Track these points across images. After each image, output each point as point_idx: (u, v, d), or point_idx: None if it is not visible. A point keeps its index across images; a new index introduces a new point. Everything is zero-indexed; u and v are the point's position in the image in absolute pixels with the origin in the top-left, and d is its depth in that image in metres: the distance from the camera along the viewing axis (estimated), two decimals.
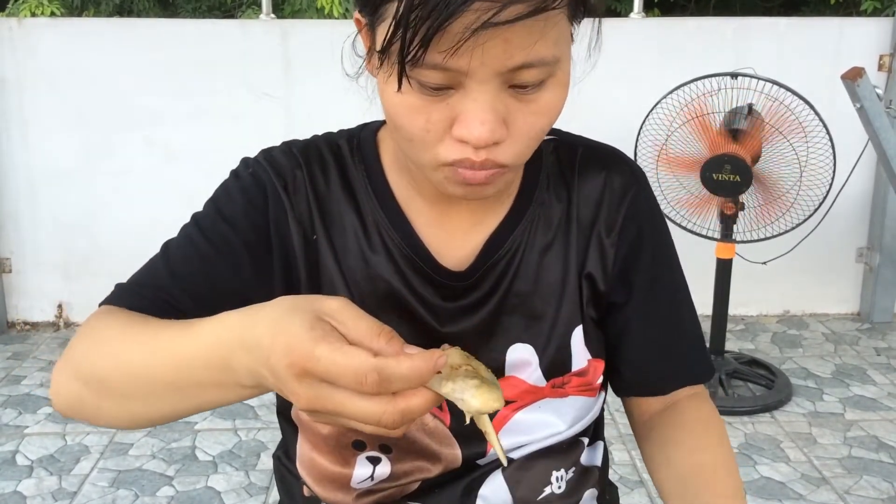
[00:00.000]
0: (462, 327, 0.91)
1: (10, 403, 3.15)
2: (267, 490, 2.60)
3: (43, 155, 3.71)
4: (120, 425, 0.78)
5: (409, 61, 0.68)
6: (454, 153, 0.74)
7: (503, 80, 0.71)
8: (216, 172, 0.92)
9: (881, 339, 3.76)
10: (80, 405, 0.78)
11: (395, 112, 0.75)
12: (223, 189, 0.90)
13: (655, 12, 4.71)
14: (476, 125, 0.71)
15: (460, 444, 0.93)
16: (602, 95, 3.43)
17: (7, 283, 3.86)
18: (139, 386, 0.73)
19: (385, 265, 0.89)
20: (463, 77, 0.70)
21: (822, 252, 3.79)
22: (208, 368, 0.67)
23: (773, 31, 3.74)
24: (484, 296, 0.91)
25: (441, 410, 0.92)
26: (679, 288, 0.98)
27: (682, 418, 0.96)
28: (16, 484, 2.62)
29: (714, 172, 2.91)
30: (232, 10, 4.99)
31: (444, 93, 0.72)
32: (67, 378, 0.78)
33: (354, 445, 0.92)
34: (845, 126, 3.17)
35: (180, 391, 0.71)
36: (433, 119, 0.73)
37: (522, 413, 0.93)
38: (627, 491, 2.57)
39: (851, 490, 2.59)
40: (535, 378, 0.93)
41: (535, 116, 0.75)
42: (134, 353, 0.74)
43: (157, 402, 0.73)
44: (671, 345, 0.97)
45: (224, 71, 3.64)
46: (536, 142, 0.78)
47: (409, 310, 0.90)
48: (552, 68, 0.73)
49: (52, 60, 3.62)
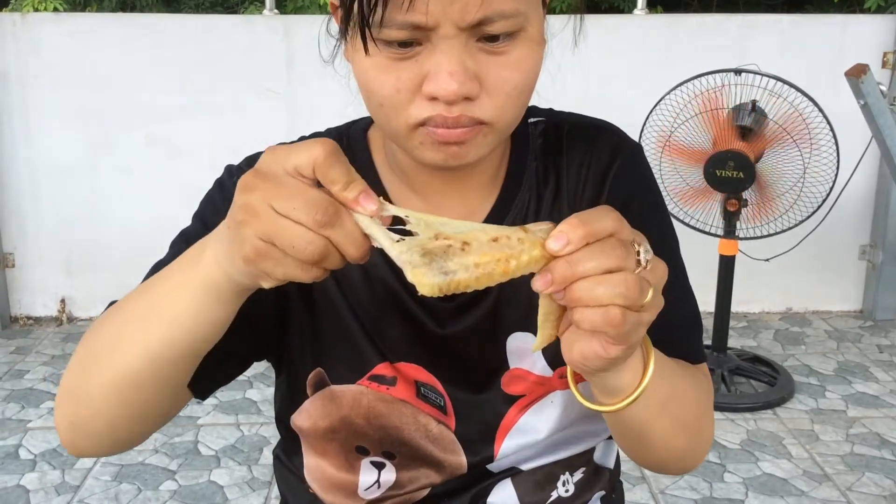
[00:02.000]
0: (465, 325, 0.88)
1: (13, 398, 3.15)
2: (269, 485, 2.60)
3: (45, 150, 3.72)
4: (116, 421, 0.76)
5: (370, 21, 0.68)
6: (426, 111, 0.72)
7: (470, 34, 0.70)
8: (218, 168, 0.91)
9: (884, 337, 3.76)
10: (77, 416, 0.77)
11: (366, 77, 0.73)
12: (208, 201, 0.88)
13: (659, 9, 4.71)
14: (444, 78, 0.70)
15: (466, 451, 0.91)
16: (605, 92, 3.43)
17: (10, 277, 3.87)
18: (116, 330, 0.75)
19: (381, 267, 0.86)
20: (428, 32, 0.69)
21: (825, 249, 3.79)
22: (179, 269, 0.71)
23: (777, 27, 3.73)
24: (482, 290, 0.89)
25: (445, 415, 0.90)
26: (672, 271, 0.92)
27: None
28: (19, 478, 2.63)
29: (717, 169, 2.91)
30: (234, 5, 4.99)
31: (411, 50, 0.71)
32: (62, 400, 0.78)
33: (358, 450, 0.91)
34: (849, 123, 3.16)
35: (151, 310, 0.72)
36: (403, 78, 0.72)
37: (532, 412, 0.90)
38: (630, 487, 2.57)
39: (853, 487, 2.59)
40: (541, 367, 0.90)
41: (509, 71, 0.73)
42: (113, 315, 0.77)
43: (133, 343, 0.73)
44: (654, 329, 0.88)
45: (226, 67, 3.64)
46: (516, 101, 0.75)
47: (409, 312, 0.88)
48: (519, 21, 0.71)
49: (55, 56, 3.63)
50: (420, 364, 0.89)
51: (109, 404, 0.75)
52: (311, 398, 0.91)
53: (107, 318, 0.78)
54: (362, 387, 0.89)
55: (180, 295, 0.70)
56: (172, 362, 0.73)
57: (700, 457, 0.88)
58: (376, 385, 0.88)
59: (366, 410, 0.89)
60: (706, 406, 0.87)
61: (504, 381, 0.90)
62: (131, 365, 0.73)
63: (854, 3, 4.72)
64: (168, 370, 0.74)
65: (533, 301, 0.86)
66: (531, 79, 0.75)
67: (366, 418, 0.89)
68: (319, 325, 0.89)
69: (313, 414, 0.91)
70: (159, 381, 0.74)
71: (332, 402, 0.89)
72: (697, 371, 0.89)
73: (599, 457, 0.98)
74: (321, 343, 0.89)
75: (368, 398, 0.88)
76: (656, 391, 0.74)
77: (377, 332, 0.88)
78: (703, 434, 0.86)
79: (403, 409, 0.89)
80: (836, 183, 2.91)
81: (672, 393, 0.79)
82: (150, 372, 0.73)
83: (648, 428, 0.79)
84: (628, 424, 0.79)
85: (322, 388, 0.90)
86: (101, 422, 0.76)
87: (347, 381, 0.89)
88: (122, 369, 0.73)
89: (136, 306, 0.75)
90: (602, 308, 0.60)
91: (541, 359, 0.90)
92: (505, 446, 0.91)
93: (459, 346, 0.89)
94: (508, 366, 0.90)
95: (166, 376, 0.74)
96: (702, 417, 0.85)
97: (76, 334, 3.74)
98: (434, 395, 0.90)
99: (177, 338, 0.71)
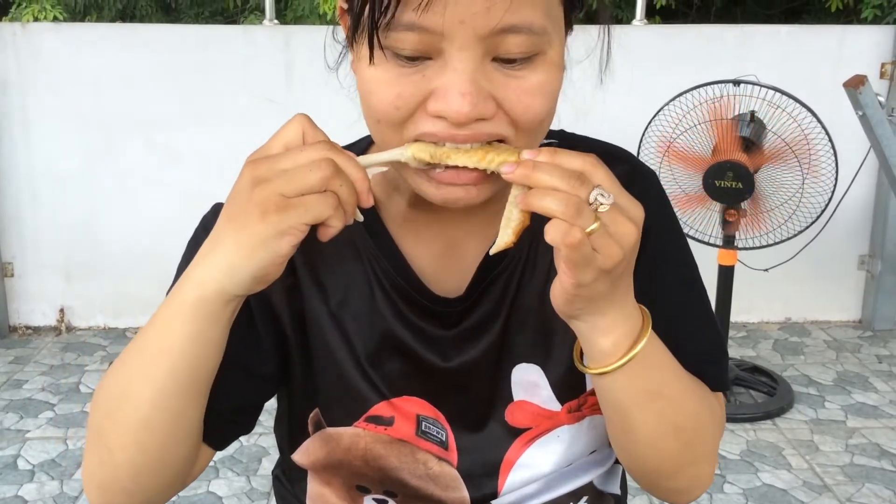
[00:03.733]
0: (470, 355, 0.85)
1: (11, 408, 3.15)
2: (268, 496, 2.59)
3: (45, 159, 3.72)
4: (136, 457, 0.77)
5: (380, 21, 0.63)
6: (422, 127, 0.68)
7: (486, 49, 0.65)
8: (217, 177, 0.91)
9: (883, 347, 3.76)
10: (103, 476, 0.78)
11: (367, 89, 0.69)
12: (194, 247, 0.81)
13: (657, 19, 4.72)
14: (455, 98, 0.65)
15: (469, 486, 0.87)
16: (602, 102, 3.43)
17: (9, 287, 3.86)
18: (134, 369, 0.75)
19: (379, 301, 0.84)
20: (440, 42, 0.64)
21: (824, 259, 3.79)
22: (167, 305, 0.73)
23: (775, 38, 3.74)
24: (487, 316, 0.85)
25: (447, 450, 0.87)
26: (688, 300, 0.89)
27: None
28: (17, 488, 2.62)
29: (716, 179, 2.91)
30: (234, 15, 5.00)
31: (420, 64, 0.66)
32: (88, 463, 0.79)
33: (359, 489, 0.89)
34: (847, 133, 3.17)
35: (162, 351, 0.73)
36: (405, 94, 0.67)
37: (537, 445, 0.87)
38: (630, 498, 2.56)
39: (853, 497, 2.59)
40: (547, 400, 0.86)
41: (530, 97, 0.68)
42: (127, 357, 0.77)
43: (150, 382, 0.74)
44: (673, 353, 0.83)
45: (226, 76, 3.65)
46: (537, 128, 0.71)
47: (407, 347, 0.85)
48: (540, 42, 0.66)
49: (55, 64, 3.64)
50: (422, 397, 0.87)
51: (127, 455, 0.76)
52: (311, 438, 0.89)
53: (110, 376, 0.79)
54: (359, 429, 0.86)
55: (173, 325, 0.72)
56: (179, 395, 0.74)
57: (695, 481, 0.85)
58: (373, 426, 0.86)
59: (363, 452, 0.86)
60: (707, 427, 0.84)
61: (508, 413, 0.87)
62: (141, 409, 0.74)
63: (851, 14, 4.74)
64: (176, 404, 0.74)
65: (545, 328, 0.85)
66: (552, 106, 0.71)
67: (364, 460, 0.87)
68: (315, 368, 0.87)
69: (312, 454, 0.89)
70: (170, 419, 0.75)
71: (329, 444, 0.87)
72: (710, 395, 0.87)
73: (600, 483, 0.96)
74: (317, 386, 0.87)
75: (366, 440, 0.86)
76: (642, 378, 0.75)
77: (376, 367, 0.86)
78: (697, 450, 0.83)
79: (402, 448, 0.86)
80: (835, 193, 2.92)
81: (662, 389, 0.77)
82: (160, 411, 0.74)
83: (631, 415, 0.77)
84: (610, 403, 0.78)
85: (320, 429, 0.88)
86: (124, 475, 0.77)
87: (344, 423, 0.86)
88: (134, 415, 0.74)
89: (134, 355, 0.76)
90: (553, 208, 0.65)
91: (547, 389, 0.87)
92: (510, 481, 0.88)
93: (464, 378, 0.86)
94: (513, 398, 0.87)
95: (176, 412, 0.75)
96: (698, 433, 0.82)
97: (75, 344, 3.73)
98: (436, 429, 0.87)
99: (178, 367, 0.72)
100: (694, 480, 0.85)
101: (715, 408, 0.87)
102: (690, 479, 0.85)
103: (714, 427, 0.86)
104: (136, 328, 3.78)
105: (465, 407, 0.87)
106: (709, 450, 0.85)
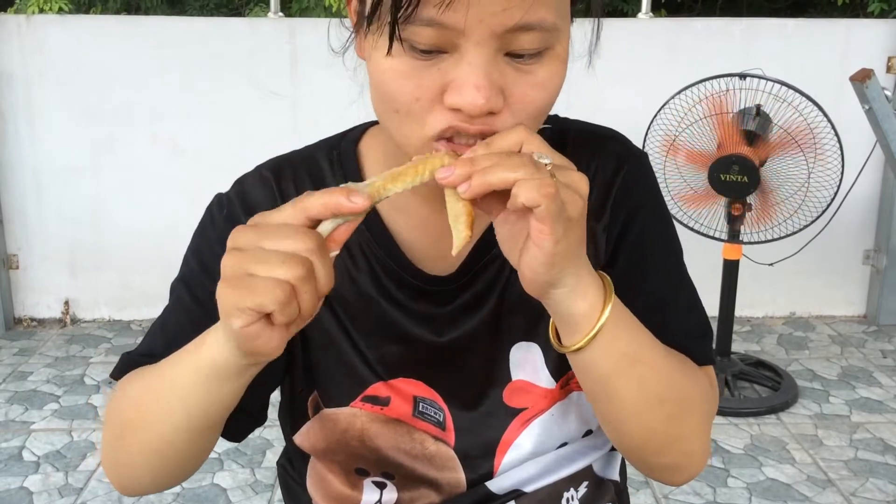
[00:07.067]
0: (464, 331, 0.87)
1: (16, 399, 3.16)
2: (272, 487, 2.60)
3: (50, 151, 3.72)
4: (157, 459, 0.81)
5: (401, 15, 0.64)
6: (444, 121, 0.69)
7: (500, 45, 0.67)
8: (222, 169, 0.91)
9: (888, 342, 3.75)
10: (124, 476, 0.84)
11: (383, 79, 0.70)
12: (202, 236, 0.87)
13: (662, 13, 4.71)
14: (470, 91, 0.66)
15: (465, 467, 0.89)
16: (608, 96, 3.43)
17: (14, 279, 3.87)
18: (153, 399, 0.78)
19: (373, 284, 0.86)
20: (457, 37, 0.66)
21: (829, 254, 3.78)
22: (188, 352, 0.74)
23: (781, 32, 3.73)
24: (481, 295, 0.87)
25: (444, 430, 0.88)
26: (674, 279, 0.90)
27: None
28: (22, 480, 2.63)
29: (722, 173, 2.90)
30: (239, 7, 4.99)
31: (436, 57, 0.67)
32: (107, 460, 0.85)
33: (358, 472, 0.90)
34: (853, 127, 3.16)
35: (178, 391, 0.75)
36: (424, 85, 0.68)
37: (536, 424, 0.89)
38: (633, 491, 2.57)
39: (857, 492, 2.59)
40: (544, 379, 0.88)
41: (535, 90, 0.70)
42: (146, 381, 0.81)
43: (168, 411, 0.77)
44: (657, 335, 0.82)
45: (231, 68, 3.64)
46: (536, 120, 0.73)
47: (401, 327, 0.87)
48: (551, 37, 0.68)
49: (60, 57, 3.63)
50: (418, 378, 0.88)
51: (150, 465, 0.81)
52: (311, 420, 0.91)
53: (132, 388, 0.83)
54: (355, 409, 0.87)
55: (190, 377, 0.74)
56: (199, 431, 0.78)
57: (686, 458, 0.84)
58: (370, 406, 0.87)
59: (359, 433, 0.88)
60: (693, 401, 0.83)
61: (506, 393, 0.88)
62: (165, 436, 0.78)
63: (857, 8, 4.72)
64: (196, 435, 0.78)
65: (538, 309, 0.84)
66: (554, 98, 0.73)
67: (360, 440, 0.88)
68: (312, 351, 0.88)
69: (311, 436, 0.91)
70: (192, 442, 0.79)
71: (328, 426, 0.89)
72: (697, 370, 0.86)
73: (599, 469, 0.96)
74: (314, 368, 0.88)
75: (362, 420, 0.87)
76: (620, 340, 0.74)
77: (372, 350, 0.87)
78: (685, 424, 0.82)
79: (398, 428, 0.88)
80: (841, 187, 2.91)
81: (639, 355, 0.76)
82: (181, 439, 0.78)
83: (612, 384, 0.76)
84: (592, 376, 0.77)
85: (319, 411, 0.90)
86: (145, 478, 0.83)
87: (341, 403, 0.88)
88: (156, 438, 0.78)
89: (155, 382, 0.79)
90: (511, 172, 0.64)
91: (544, 369, 0.88)
92: (505, 461, 0.89)
93: (459, 356, 0.87)
94: (511, 377, 0.88)
95: (197, 438, 0.79)
96: (683, 405, 0.81)
97: (80, 336, 3.74)
98: (433, 409, 0.88)
99: (193, 413, 0.75)
100: (685, 457, 0.84)
101: (703, 382, 0.86)
102: (680, 455, 0.84)
103: (703, 403, 0.85)
104: (140, 321, 3.79)
105: (460, 384, 0.88)
106: (698, 425, 0.84)
